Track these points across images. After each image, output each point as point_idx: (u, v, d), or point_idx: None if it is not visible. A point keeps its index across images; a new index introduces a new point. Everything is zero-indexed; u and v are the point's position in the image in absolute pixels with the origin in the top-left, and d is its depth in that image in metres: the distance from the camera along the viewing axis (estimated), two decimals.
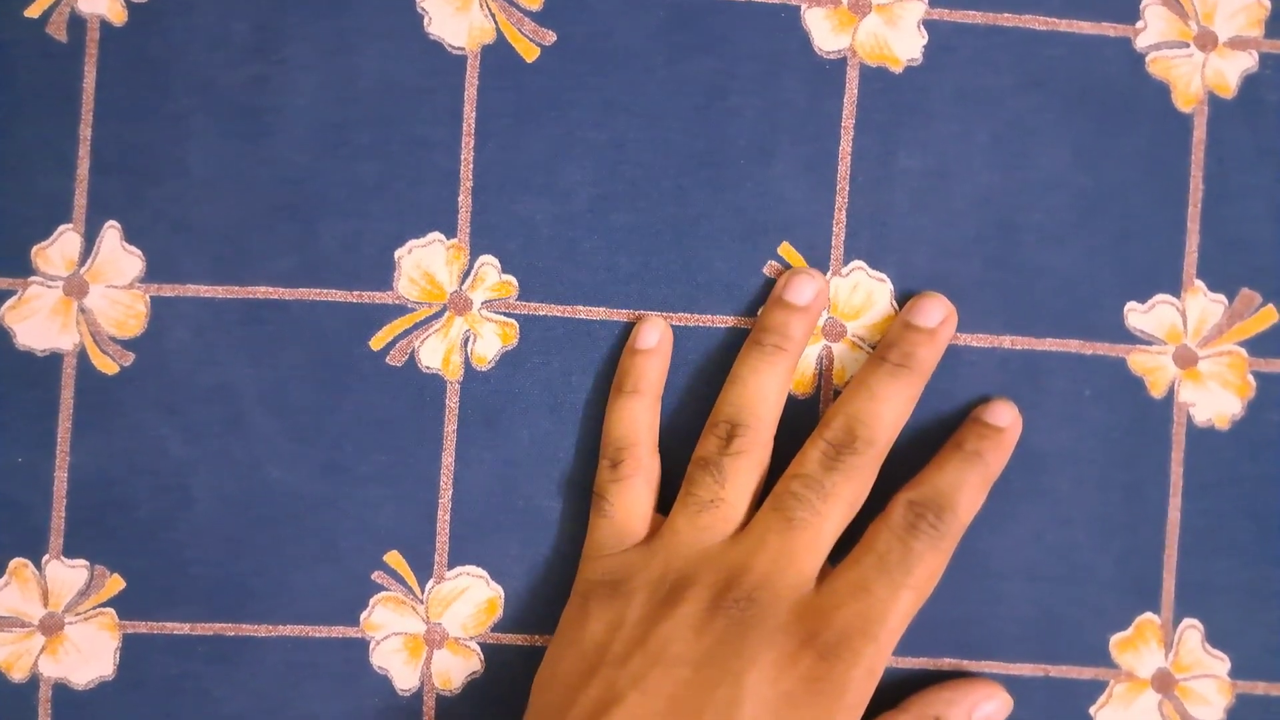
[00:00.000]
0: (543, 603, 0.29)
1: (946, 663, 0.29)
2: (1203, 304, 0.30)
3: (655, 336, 0.29)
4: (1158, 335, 0.30)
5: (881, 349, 0.28)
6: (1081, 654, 0.29)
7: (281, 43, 0.29)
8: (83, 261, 0.29)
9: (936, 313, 0.28)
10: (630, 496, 0.28)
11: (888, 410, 0.27)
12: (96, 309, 0.29)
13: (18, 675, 0.29)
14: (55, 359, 0.29)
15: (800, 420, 0.29)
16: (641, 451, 0.28)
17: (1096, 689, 0.29)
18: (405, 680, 0.29)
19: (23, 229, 0.29)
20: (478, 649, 0.29)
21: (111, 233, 0.29)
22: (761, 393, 0.28)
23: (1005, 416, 0.28)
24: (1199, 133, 0.30)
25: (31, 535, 0.29)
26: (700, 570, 0.26)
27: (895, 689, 0.29)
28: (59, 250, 0.29)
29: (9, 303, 0.29)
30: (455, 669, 0.29)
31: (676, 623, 0.25)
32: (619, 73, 0.29)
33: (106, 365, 0.29)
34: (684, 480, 0.28)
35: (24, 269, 0.29)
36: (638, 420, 0.28)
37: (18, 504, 0.29)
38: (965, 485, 0.27)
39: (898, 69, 0.30)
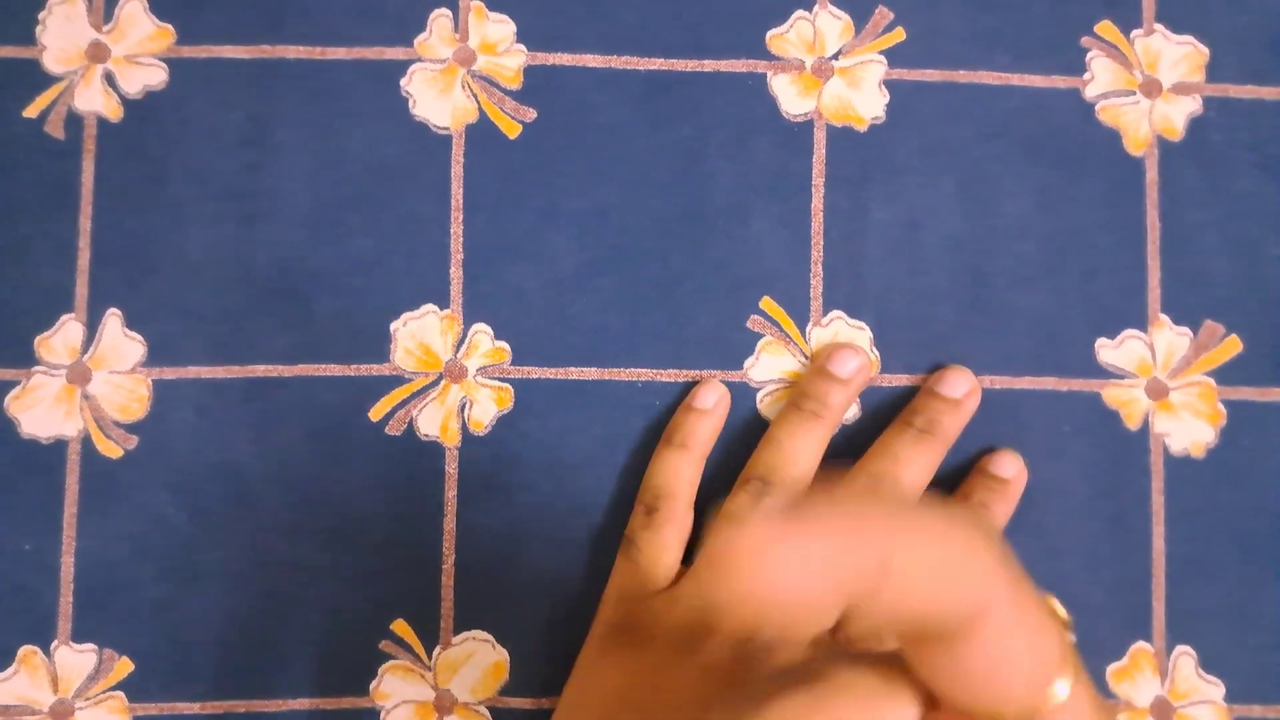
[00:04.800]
0: (550, 664, 0.29)
1: None
2: (1169, 337, 0.31)
3: (713, 399, 0.30)
4: (1129, 369, 0.31)
5: (907, 414, 0.29)
6: None
7: (273, 130, 0.30)
8: (85, 349, 0.30)
9: (962, 385, 0.29)
10: (660, 545, 0.28)
11: (908, 474, 0.28)
12: (100, 394, 0.30)
13: None
14: (60, 446, 0.29)
15: None
16: (678, 504, 0.29)
17: None
18: None
19: (25, 319, 0.30)
20: (487, 713, 0.29)
21: (113, 320, 0.30)
22: (795, 455, 0.29)
23: (1010, 468, 0.29)
24: (1151, 174, 0.31)
25: (40, 621, 0.29)
26: (720, 619, 0.27)
27: None
28: (61, 339, 0.30)
29: (13, 393, 0.29)
30: None
31: (693, 671, 0.26)
32: (599, 144, 0.31)
33: (111, 449, 0.29)
34: (706, 531, 0.29)
35: (27, 359, 0.30)
36: (680, 473, 0.29)
37: (26, 591, 0.29)
38: None
39: (862, 127, 0.31)
